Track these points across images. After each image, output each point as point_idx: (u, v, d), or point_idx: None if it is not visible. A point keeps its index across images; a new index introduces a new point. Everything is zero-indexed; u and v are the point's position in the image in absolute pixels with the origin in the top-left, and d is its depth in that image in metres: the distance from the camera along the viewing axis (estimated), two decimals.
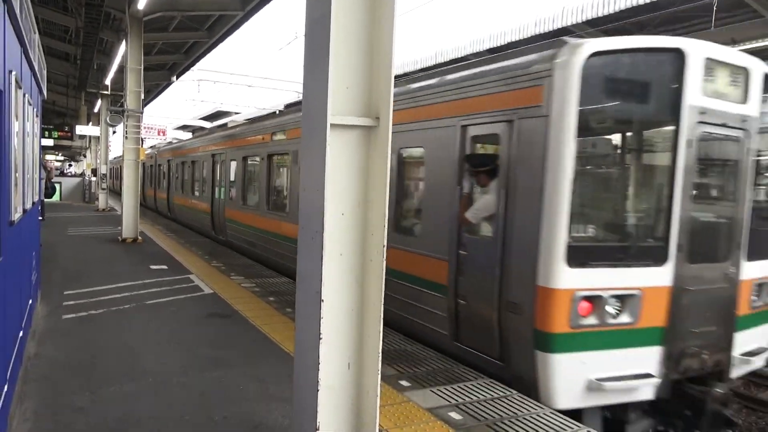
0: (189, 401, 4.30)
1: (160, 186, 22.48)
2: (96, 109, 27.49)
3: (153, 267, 9.87)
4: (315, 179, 2.95)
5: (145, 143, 22.46)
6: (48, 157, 41.53)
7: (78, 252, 11.62)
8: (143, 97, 14.19)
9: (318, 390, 2.92)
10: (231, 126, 15.24)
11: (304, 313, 3.13)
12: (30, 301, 5.66)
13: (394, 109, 3.03)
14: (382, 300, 3.05)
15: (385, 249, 3.02)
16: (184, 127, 37.63)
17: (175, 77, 22.34)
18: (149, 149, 25.10)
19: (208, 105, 35.44)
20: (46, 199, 11.10)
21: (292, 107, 11.36)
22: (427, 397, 4.43)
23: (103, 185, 23.70)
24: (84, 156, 40.11)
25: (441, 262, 5.62)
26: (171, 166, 20.22)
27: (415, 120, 6.19)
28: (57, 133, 29.44)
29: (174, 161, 19.77)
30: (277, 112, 12.93)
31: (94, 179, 28.45)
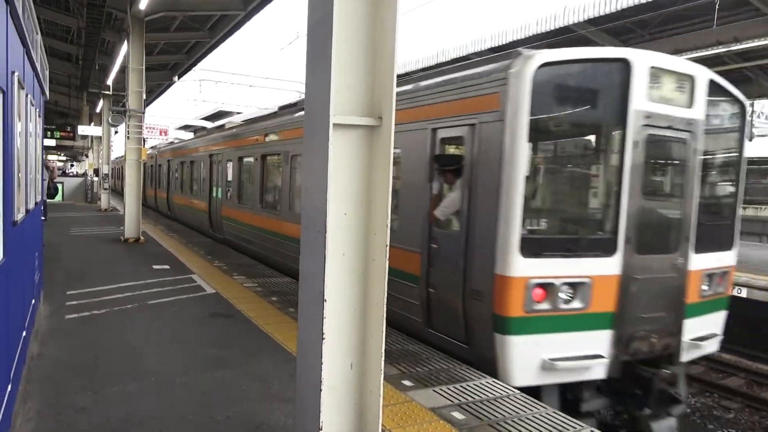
0: (191, 401, 4.30)
1: (160, 186, 22.61)
2: (98, 110, 27.57)
3: (155, 267, 9.87)
4: (317, 179, 2.95)
5: (147, 143, 22.46)
6: (50, 158, 41.61)
7: (80, 252, 11.63)
8: (145, 97, 14.21)
9: (321, 390, 2.92)
10: (228, 127, 15.31)
11: (306, 313, 3.13)
12: (33, 301, 5.67)
13: None
14: (384, 300, 3.05)
15: (388, 249, 3.02)
16: (185, 127, 37.58)
17: (177, 77, 22.40)
18: (150, 149, 25.12)
19: (209, 105, 35.44)
20: (48, 200, 11.12)
21: (285, 109, 11.44)
22: (430, 397, 4.43)
23: (105, 185, 23.70)
24: (86, 156, 40.18)
25: (415, 254, 5.98)
26: (171, 166, 20.35)
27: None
28: (59, 134, 29.53)
29: (174, 161, 19.87)
30: (269, 113, 12.96)
31: (96, 179, 28.50)
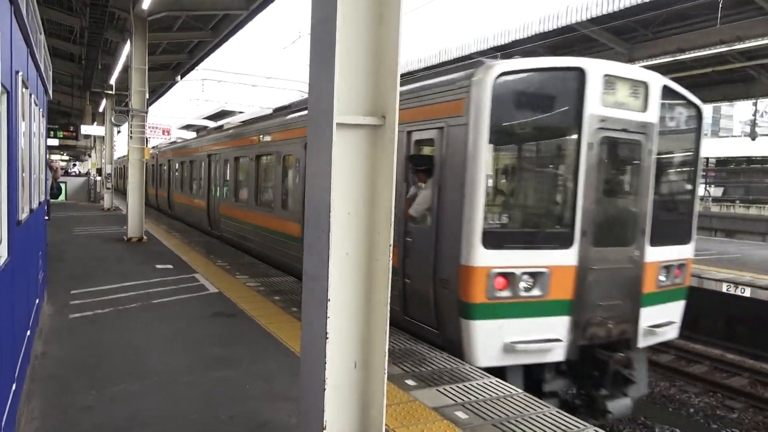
0: (195, 400, 4.31)
1: (161, 184, 22.80)
2: (101, 109, 27.58)
3: (158, 266, 9.88)
4: (321, 178, 2.95)
5: (150, 143, 22.47)
6: (53, 157, 41.61)
7: (84, 251, 11.66)
8: (148, 97, 14.22)
9: (324, 389, 2.92)
10: (226, 128, 15.55)
11: (310, 312, 3.13)
12: (37, 301, 5.69)
13: None
14: (388, 299, 3.05)
15: (392, 248, 3.02)
16: (188, 127, 37.63)
17: (180, 77, 22.44)
18: (151, 149, 25.17)
19: (212, 104, 35.38)
20: (52, 199, 11.15)
21: (279, 111, 11.57)
22: (433, 397, 4.43)
23: (108, 185, 23.73)
24: (89, 156, 40.19)
25: (394, 248, 6.18)
26: (171, 165, 20.55)
27: None
28: (62, 133, 29.52)
29: (174, 161, 20.06)
30: (264, 115, 13.12)
31: (99, 179, 28.55)
